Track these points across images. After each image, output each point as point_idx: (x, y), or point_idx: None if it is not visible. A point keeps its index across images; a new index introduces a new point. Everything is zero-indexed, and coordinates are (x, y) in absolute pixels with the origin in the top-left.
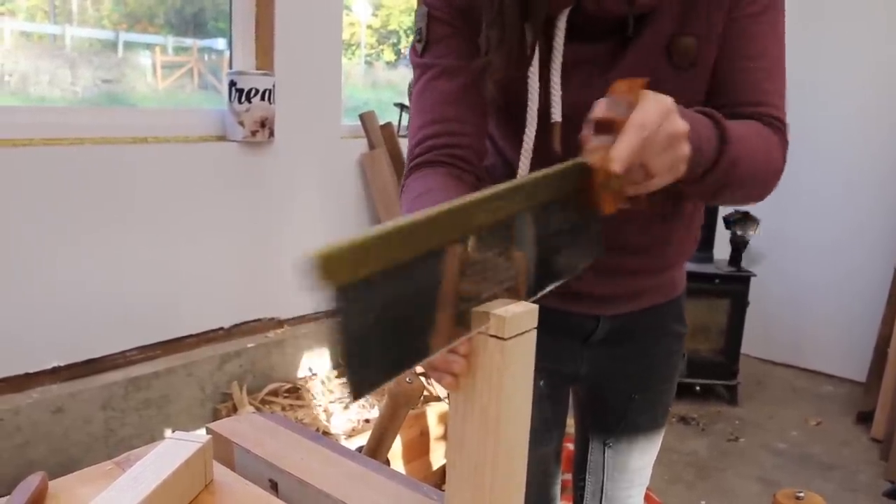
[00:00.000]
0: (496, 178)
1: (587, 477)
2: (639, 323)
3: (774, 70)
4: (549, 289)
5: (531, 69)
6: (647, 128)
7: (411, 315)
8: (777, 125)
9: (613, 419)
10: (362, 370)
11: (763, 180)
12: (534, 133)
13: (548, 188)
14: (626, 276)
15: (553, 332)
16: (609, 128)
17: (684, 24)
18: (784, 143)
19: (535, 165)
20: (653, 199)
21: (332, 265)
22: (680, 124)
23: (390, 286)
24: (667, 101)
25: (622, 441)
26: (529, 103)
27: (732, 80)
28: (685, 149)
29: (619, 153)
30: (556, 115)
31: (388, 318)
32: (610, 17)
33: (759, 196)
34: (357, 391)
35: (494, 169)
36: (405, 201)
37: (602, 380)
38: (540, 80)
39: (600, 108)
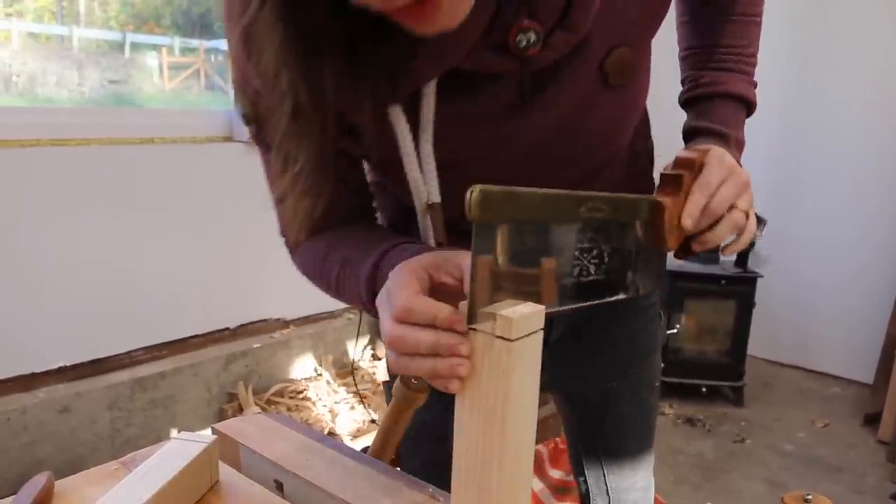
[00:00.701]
0: (399, 228)
1: (587, 472)
2: (594, 314)
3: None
4: (616, 298)
5: (403, 153)
6: (710, 188)
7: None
8: None
9: (598, 412)
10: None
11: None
12: (429, 223)
13: (629, 210)
14: None
15: None
16: (673, 182)
17: (614, 36)
18: None
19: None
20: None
21: (487, 203)
22: (742, 176)
23: (517, 236)
24: (728, 160)
25: (613, 431)
26: (413, 193)
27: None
28: (749, 197)
29: (688, 213)
30: (434, 196)
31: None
32: (497, 73)
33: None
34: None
35: (396, 220)
36: (311, 265)
37: (570, 380)
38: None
39: (668, 166)
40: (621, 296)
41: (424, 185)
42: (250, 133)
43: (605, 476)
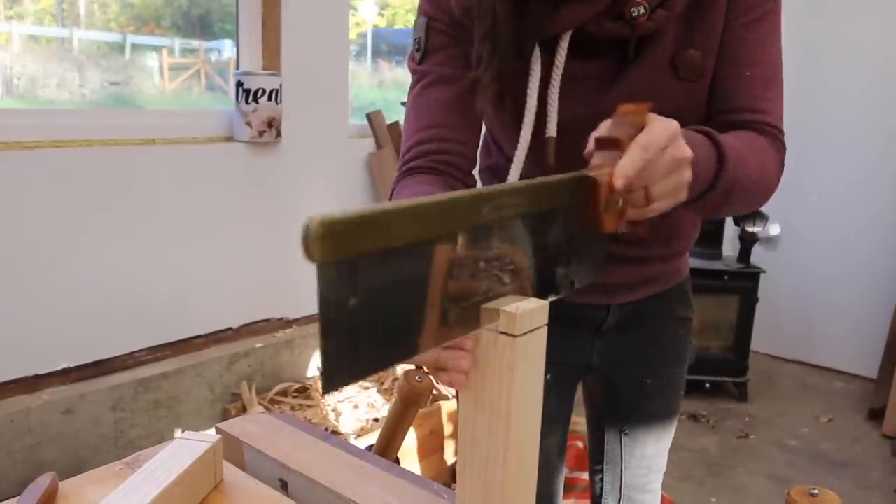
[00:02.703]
0: (501, 176)
1: (605, 467)
2: (647, 309)
3: (772, 77)
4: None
5: (530, 83)
6: (653, 149)
7: (400, 306)
8: (774, 133)
9: (627, 406)
10: (339, 361)
11: (759, 193)
12: (526, 147)
13: (551, 196)
14: (635, 264)
15: (565, 324)
16: (613, 146)
17: (688, 38)
18: (781, 151)
19: (529, 177)
20: (652, 223)
21: (328, 237)
22: (685, 149)
23: (380, 271)
24: (673, 125)
25: (638, 428)
26: (525, 118)
27: (731, 88)
28: (687, 174)
29: (622, 169)
30: (552, 130)
31: (376, 305)
32: (611, 38)
33: (756, 207)
34: (328, 385)
35: (498, 168)
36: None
37: (614, 368)
38: (538, 96)
39: (605, 127)
40: (551, 298)
41: (547, 120)
42: (413, 60)
43: (622, 472)
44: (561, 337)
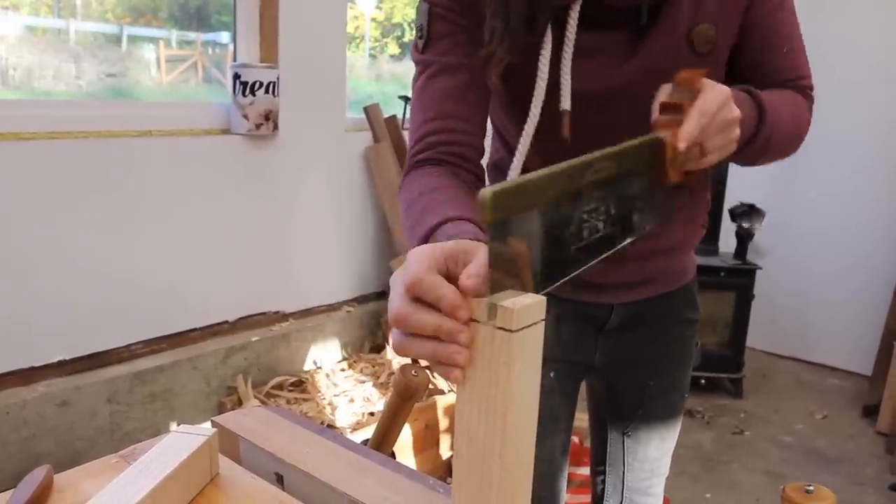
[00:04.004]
0: (504, 172)
1: (607, 469)
2: (651, 309)
3: (799, 45)
4: (626, 243)
5: (541, 57)
6: (709, 113)
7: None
8: (808, 91)
9: (630, 407)
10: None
11: (792, 141)
12: (536, 119)
13: (632, 157)
14: (637, 261)
15: (568, 322)
16: (675, 110)
17: (699, 12)
18: (811, 104)
19: (540, 153)
20: (706, 173)
21: (499, 202)
22: (735, 112)
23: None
24: (725, 90)
25: (640, 429)
26: (536, 90)
27: (772, 66)
28: (737, 132)
29: (685, 133)
30: (566, 103)
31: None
32: (623, 6)
33: (789, 154)
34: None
35: (502, 162)
36: (405, 199)
37: (617, 368)
38: (549, 68)
39: (666, 93)
40: (630, 239)
41: (561, 94)
42: (417, 49)
43: (624, 474)
44: (565, 335)
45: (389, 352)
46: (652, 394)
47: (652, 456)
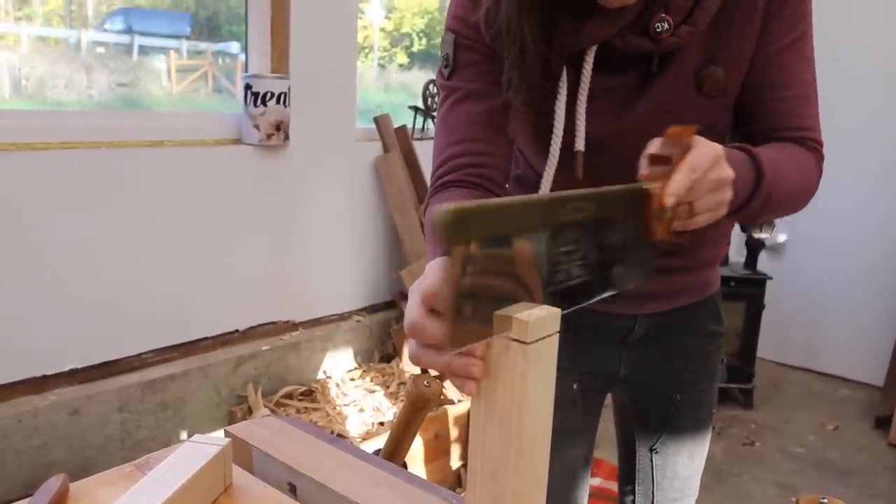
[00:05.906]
0: (527, 187)
1: (636, 488)
2: (676, 321)
3: (810, 94)
4: (600, 297)
5: (558, 100)
6: (700, 169)
7: (504, 285)
8: (814, 146)
9: (657, 422)
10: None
11: (798, 199)
12: (556, 161)
13: (613, 203)
14: (663, 274)
15: (592, 333)
16: (664, 162)
17: (710, 55)
18: (819, 161)
19: (554, 190)
20: (694, 234)
21: (459, 223)
22: (727, 172)
23: (493, 255)
24: (717, 148)
25: (669, 445)
26: (554, 133)
27: (772, 109)
28: (728, 193)
29: (673, 188)
30: (580, 144)
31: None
32: (636, 52)
33: (796, 211)
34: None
35: (525, 177)
36: (430, 216)
37: (643, 381)
38: (566, 110)
39: (656, 146)
40: (609, 293)
41: (577, 134)
42: (442, 76)
43: (654, 494)
44: (588, 346)
45: (400, 361)
46: (679, 408)
47: (682, 474)
